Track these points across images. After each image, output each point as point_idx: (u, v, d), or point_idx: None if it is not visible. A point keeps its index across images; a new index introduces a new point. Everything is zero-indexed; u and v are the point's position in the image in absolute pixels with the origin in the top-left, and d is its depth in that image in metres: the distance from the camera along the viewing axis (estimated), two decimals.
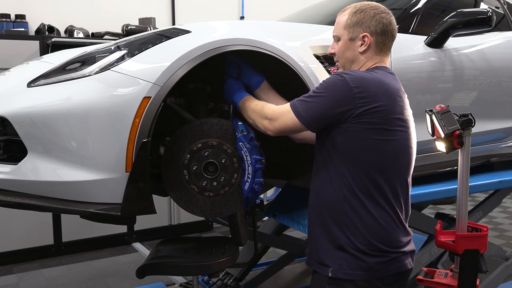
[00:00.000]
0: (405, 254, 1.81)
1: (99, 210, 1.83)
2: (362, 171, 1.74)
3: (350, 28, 1.85)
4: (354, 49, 1.86)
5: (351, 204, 1.75)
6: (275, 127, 1.84)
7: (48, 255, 4.52)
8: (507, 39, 3.17)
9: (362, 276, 1.74)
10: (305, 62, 2.10)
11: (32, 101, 1.89)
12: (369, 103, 1.69)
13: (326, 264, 1.80)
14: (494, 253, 3.29)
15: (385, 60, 1.89)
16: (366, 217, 1.75)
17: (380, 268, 1.75)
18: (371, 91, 1.70)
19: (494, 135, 3.09)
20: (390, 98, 1.74)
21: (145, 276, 2.24)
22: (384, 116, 1.71)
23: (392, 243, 1.77)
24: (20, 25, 4.66)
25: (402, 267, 1.79)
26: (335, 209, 1.78)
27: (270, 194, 4.32)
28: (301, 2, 4.08)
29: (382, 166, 1.75)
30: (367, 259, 1.74)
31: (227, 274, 3.61)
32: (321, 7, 3.27)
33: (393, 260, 1.77)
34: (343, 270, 1.76)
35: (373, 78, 1.74)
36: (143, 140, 1.81)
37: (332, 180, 1.78)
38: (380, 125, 1.71)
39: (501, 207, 6.01)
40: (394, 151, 1.76)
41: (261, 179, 1.99)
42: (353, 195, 1.75)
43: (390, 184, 1.76)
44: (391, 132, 1.74)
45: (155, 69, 1.86)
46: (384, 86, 1.74)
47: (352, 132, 1.72)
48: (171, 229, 5.09)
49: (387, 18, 1.85)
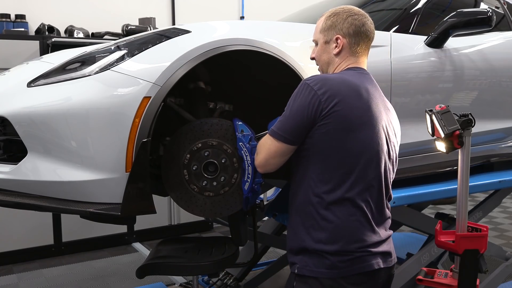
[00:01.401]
0: (373, 254, 1.79)
1: (99, 210, 1.83)
2: (328, 173, 1.75)
3: (325, 32, 1.89)
4: (329, 52, 1.89)
5: (316, 207, 1.77)
6: (260, 159, 1.85)
7: (48, 255, 4.52)
8: (507, 39, 3.17)
9: (326, 274, 1.76)
10: (305, 62, 2.10)
11: (32, 101, 1.89)
12: (332, 99, 1.70)
13: (294, 261, 1.83)
14: (494, 253, 3.30)
15: (360, 61, 1.89)
16: (329, 217, 1.75)
17: (343, 266, 1.76)
18: (333, 89, 1.71)
19: (494, 135, 3.09)
20: (353, 95, 1.74)
21: (145, 276, 2.25)
22: (348, 114, 1.72)
23: (356, 242, 1.77)
24: (20, 25, 4.66)
25: (368, 267, 1.78)
26: (303, 211, 1.81)
27: (270, 194, 4.33)
28: (301, 2, 4.08)
29: (348, 165, 1.75)
30: (330, 257, 1.75)
31: (227, 274, 3.61)
32: (321, 7, 3.27)
33: (357, 259, 1.77)
34: (308, 267, 1.78)
35: (334, 77, 1.77)
36: (143, 140, 1.81)
37: (302, 183, 1.81)
38: (344, 124, 1.72)
39: (501, 207, 6.01)
40: (359, 149, 1.75)
41: (261, 179, 1.99)
42: (318, 197, 1.76)
43: (357, 185, 1.76)
44: (356, 131, 1.74)
45: (155, 69, 1.86)
46: (347, 83, 1.75)
47: (319, 134, 1.73)
48: (171, 229, 5.09)
49: (359, 20, 1.87)
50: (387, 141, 1.83)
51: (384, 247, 1.84)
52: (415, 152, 2.67)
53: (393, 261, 1.88)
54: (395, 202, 2.47)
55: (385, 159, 1.83)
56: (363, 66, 1.90)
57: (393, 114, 1.93)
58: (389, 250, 1.86)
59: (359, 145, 1.75)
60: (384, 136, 1.81)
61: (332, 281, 1.76)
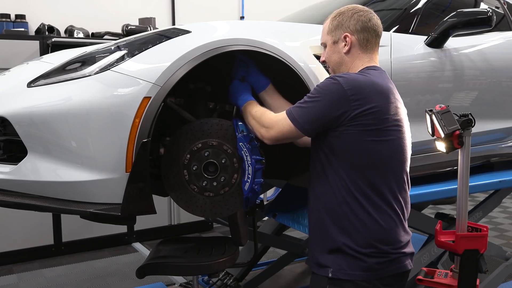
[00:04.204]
0: (406, 255, 1.82)
1: (99, 210, 1.83)
2: (359, 173, 1.75)
3: (332, 32, 1.89)
4: (339, 51, 1.89)
5: (351, 207, 1.76)
6: (271, 135, 1.85)
7: (48, 255, 4.52)
8: (507, 39, 3.17)
9: (362, 276, 1.75)
10: (305, 62, 2.10)
11: (32, 101, 1.89)
12: (363, 105, 1.70)
13: (326, 265, 1.80)
14: (494, 253, 3.29)
15: (374, 58, 1.90)
16: (365, 218, 1.75)
17: (380, 268, 1.76)
18: (364, 93, 1.71)
19: (494, 135, 3.09)
20: (384, 99, 1.75)
21: (145, 276, 2.24)
22: (378, 117, 1.72)
23: (392, 243, 1.78)
24: (20, 25, 4.66)
25: (402, 268, 1.80)
26: (334, 211, 1.79)
27: (270, 194, 4.33)
28: (301, 2, 4.08)
29: (379, 167, 1.76)
30: (367, 259, 1.75)
31: (227, 274, 3.61)
32: (321, 7, 3.27)
33: (394, 261, 1.78)
34: (343, 271, 1.76)
35: (366, 80, 1.76)
36: (143, 140, 1.81)
37: (331, 184, 1.79)
38: (375, 126, 1.72)
39: (501, 207, 6.01)
40: (390, 151, 1.77)
41: (261, 179, 1.99)
42: (352, 197, 1.76)
43: (387, 184, 1.77)
44: (386, 132, 1.75)
45: (155, 69, 1.86)
46: (377, 87, 1.75)
47: (348, 135, 1.73)
48: (171, 229, 5.09)
49: (365, 16, 1.87)
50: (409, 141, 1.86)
51: (410, 247, 1.87)
52: (415, 152, 2.65)
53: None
54: None
55: (409, 156, 1.86)
56: (377, 64, 1.90)
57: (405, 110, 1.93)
58: (413, 251, 1.89)
59: (391, 148, 1.77)
60: (408, 136, 1.84)
61: (367, 283, 1.76)
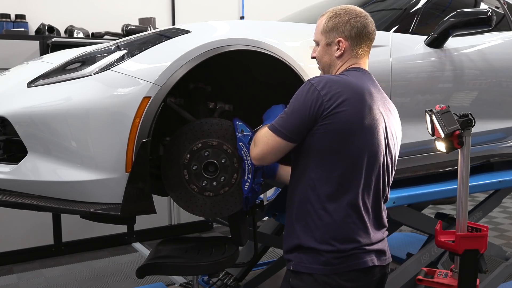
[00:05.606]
0: (367, 251, 1.81)
1: (99, 210, 1.83)
2: (327, 173, 1.75)
3: (326, 34, 1.88)
4: (331, 54, 1.88)
5: (313, 205, 1.77)
6: (257, 152, 1.83)
7: (48, 255, 4.52)
8: (507, 39, 3.17)
9: (320, 270, 1.77)
10: (305, 62, 2.10)
11: (32, 101, 1.89)
12: (335, 100, 1.70)
13: (289, 258, 1.85)
14: (494, 253, 3.30)
15: (362, 61, 1.89)
16: (325, 217, 1.76)
17: (337, 263, 1.77)
18: (336, 90, 1.71)
19: (494, 135, 3.09)
20: (356, 98, 1.74)
21: (145, 276, 2.25)
22: (350, 116, 1.72)
23: (351, 243, 1.78)
24: (20, 25, 4.66)
25: (361, 264, 1.79)
26: (300, 209, 1.81)
27: (270, 194, 4.32)
28: (301, 2, 4.08)
29: (347, 169, 1.75)
30: (324, 254, 1.77)
31: (227, 274, 3.61)
32: (321, 7, 3.27)
33: (351, 257, 1.78)
34: (302, 264, 1.80)
35: (338, 79, 1.77)
36: (143, 140, 1.81)
37: (300, 182, 1.81)
38: (345, 126, 1.72)
39: (501, 207, 6.01)
40: (359, 154, 1.76)
41: (261, 179, 2.00)
42: (316, 196, 1.77)
43: (355, 187, 1.77)
44: (356, 134, 1.74)
45: (155, 69, 1.86)
46: (350, 86, 1.75)
47: (320, 134, 1.73)
48: (171, 229, 5.09)
49: (361, 22, 1.86)
50: (386, 144, 1.83)
51: (378, 245, 1.85)
52: (415, 152, 2.67)
53: (388, 260, 1.89)
54: (395, 202, 2.47)
55: (383, 162, 1.83)
56: (365, 66, 1.90)
57: (394, 115, 1.92)
58: (384, 249, 1.87)
59: (359, 148, 1.75)
60: (383, 139, 1.82)
61: (327, 278, 1.77)
